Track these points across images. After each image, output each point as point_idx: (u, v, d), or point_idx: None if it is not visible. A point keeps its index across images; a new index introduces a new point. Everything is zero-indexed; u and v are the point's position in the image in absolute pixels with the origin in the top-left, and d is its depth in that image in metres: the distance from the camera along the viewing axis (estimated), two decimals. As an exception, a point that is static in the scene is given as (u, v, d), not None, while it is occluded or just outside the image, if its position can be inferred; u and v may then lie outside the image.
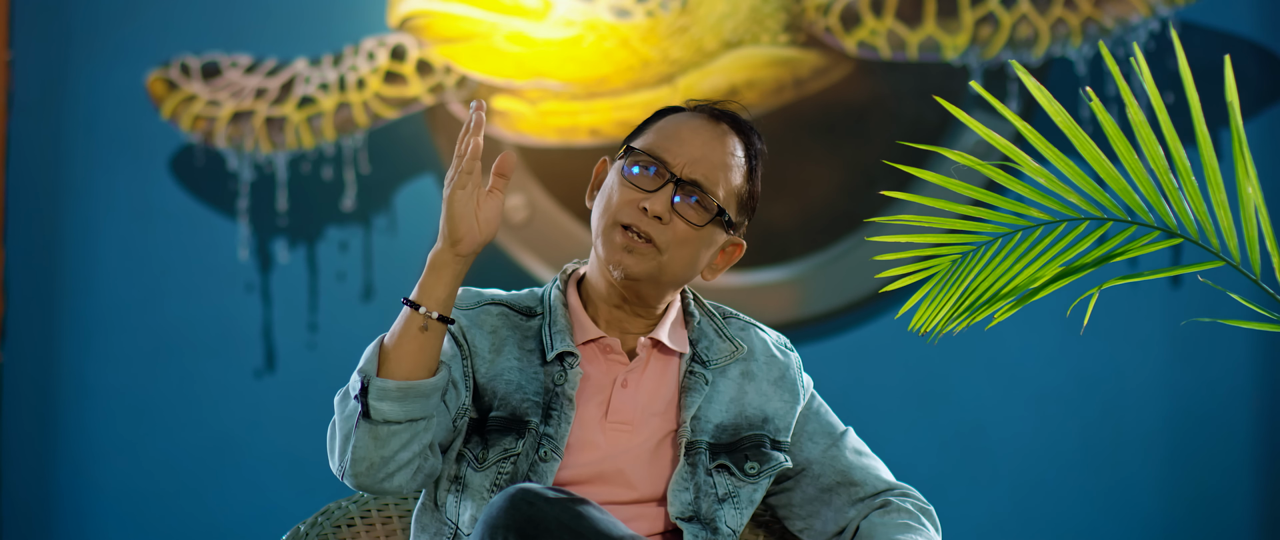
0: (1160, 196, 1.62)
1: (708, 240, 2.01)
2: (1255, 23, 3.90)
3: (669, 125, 2.02)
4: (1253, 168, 1.55)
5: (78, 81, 3.95)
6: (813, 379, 2.16)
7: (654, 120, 2.05)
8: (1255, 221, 1.57)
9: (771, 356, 2.11)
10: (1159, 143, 1.60)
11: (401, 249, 3.94)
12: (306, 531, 2.18)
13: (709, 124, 2.02)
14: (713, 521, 2.02)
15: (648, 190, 1.98)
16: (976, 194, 1.72)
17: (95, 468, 3.93)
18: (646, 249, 1.98)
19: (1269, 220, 1.58)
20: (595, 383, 2.02)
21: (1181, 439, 3.90)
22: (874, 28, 3.92)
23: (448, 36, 3.94)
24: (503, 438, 1.98)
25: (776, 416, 2.08)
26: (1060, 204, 1.67)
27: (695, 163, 1.98)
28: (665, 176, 1.98)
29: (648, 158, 1.99)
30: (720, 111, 2.04)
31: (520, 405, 1.99)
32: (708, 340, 2.08)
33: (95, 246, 3.94)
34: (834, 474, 2.11)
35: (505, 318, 2.05)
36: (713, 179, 1.99)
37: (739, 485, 2.04)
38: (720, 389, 2.05)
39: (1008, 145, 1.68)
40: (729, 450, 2.04)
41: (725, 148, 2.01)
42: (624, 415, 2.02)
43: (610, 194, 2.00)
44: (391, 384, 1.86)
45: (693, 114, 2.04)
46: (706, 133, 2.01)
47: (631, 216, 1.97)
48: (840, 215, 3.93)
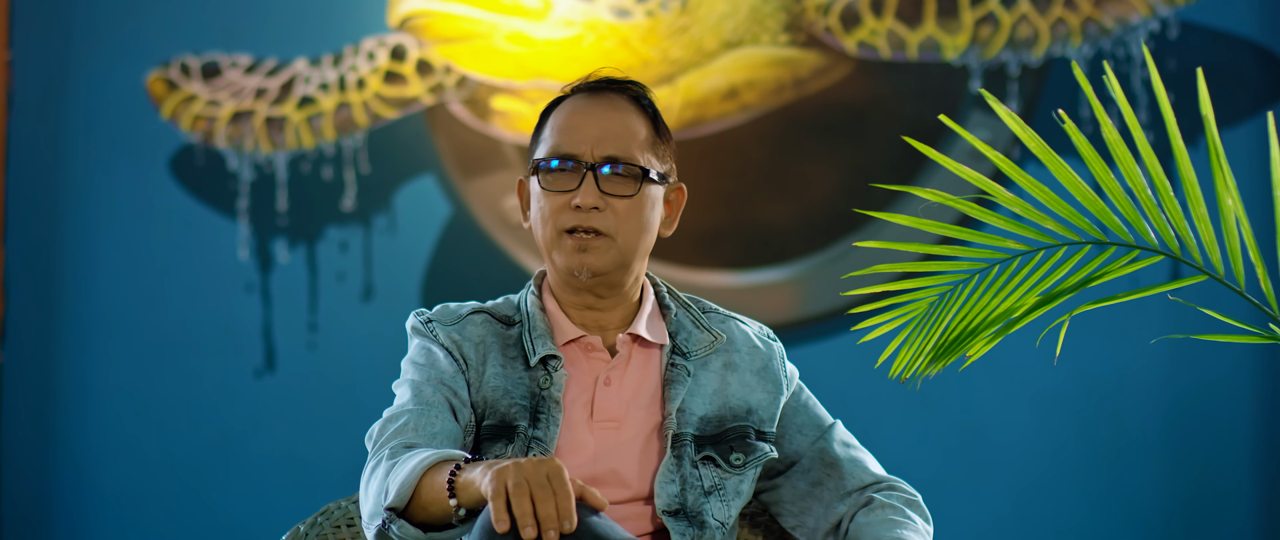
0: (1139, 215, 1.60)
1: (648, 201, 2.02)
2: (1255, 23, 3.89)
3: (559, 120, 2.03)
4: (1232, 179, 1.54)
5: (78, 81, 3.95)
6: (810, 378, 2.16)
7: (543, 122, 2.06)
8: (1237, 233, 1.56)
9: (753, 347, 2.11)
10: (1135, 160, 1.58)
11: (401, 249, 3.95)
12: (306, 531, 2.18)
13: (591, 99, 2.04)
14: (700, 515, 2.01)
15: (571, 188, 1.99)
16: (949, 231, 1.70)
17: (95, 468, 3.93)
18: (598, 242, 2.00)
19: (1251, 230, 1.56)
20: (579, 383, 2.02)
21: (1181, 439, 3.90)
22: (874, 28, 3.92)
23: (448, 36, 3.94)
24: (494, 445, 1.99)
25: (760, 407, 2.08)
26: (1036, 232, 1.65)
27: (600, 141, 2.00)
28: (580, 168, 1.99)
29: (556, 158, 2.00)
30: (595, 83, 2.06)
31: (508, 410, 1.99)
32: (686, 332, 2.08)
33: (95, 246, 3.94)
34: (821, 467, 2.11)
35: (488, 325, 2.06)
36: (623, 147, 2.00)
37: (725, 477, 2.04)
38: (702, 381, 2.06)
39: (999, 156, 1.67)
40: (714, 442, 2.04)
41: (618, 112, 2.03)
42: (610, 413, 2.02)
43: (541, 207, 2.02)
44: (413, 531, 1.82)
45: (574, 99, 2.05)
46: (595, 109, 2.02)
47: (570, 219, 1.99)
48: (840, 215, 3.93)
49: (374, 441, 1.95)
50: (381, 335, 3.89)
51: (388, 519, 1.80)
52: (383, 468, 1.86)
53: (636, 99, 2.05)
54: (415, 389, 2.00)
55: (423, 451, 1.84)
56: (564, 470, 1.66)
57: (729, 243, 3.93)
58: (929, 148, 1.60)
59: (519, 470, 1.65)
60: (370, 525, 1.84)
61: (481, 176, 3.95)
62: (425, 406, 1.96)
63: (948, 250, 1.71)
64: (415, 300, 3.91)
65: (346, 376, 3.91)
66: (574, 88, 2.07)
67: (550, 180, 2.00)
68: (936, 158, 1.61)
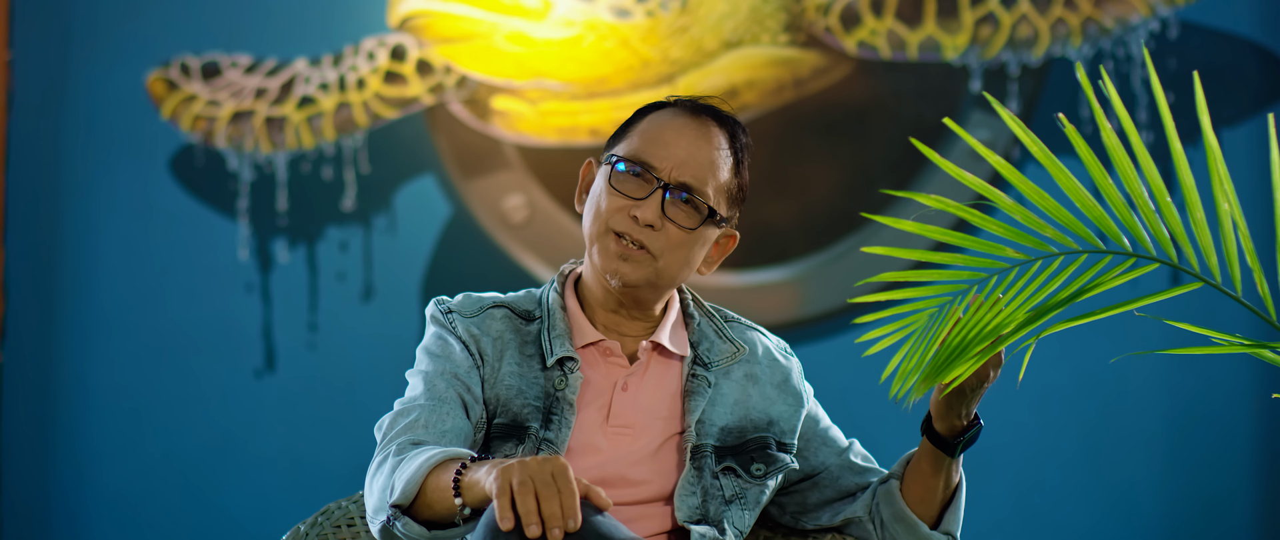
0: (1136, 221, 1.59)
1: (701, 239, 2.00)
2: (1255, 23, 3.89)
3: (652, 127, 2.00)
4: (1230, 184, 1.53)
5: (78, 81, 3.95)
6: (810, 378, 2.17)
7: (636, 121, 2.03)
8: (1234, 238, 1.55)
9: (774, 360, 2.11)
10: (1133, 165, 1.57)
11: (401, 249, 3.95)
12: (306, 531, 2.17)
13: (692, 121, 2.00)
14: (721, 522, 2.01)
15: (637, 197, 1.96)
16: (946, 237, 1.68)
17: (95, 468, 3.93)
18: (641, 256, 1.97)
19: (1249, 235, 1.56)
20: (596, 387, 2.01)
21: (1182, 440, 3.90)
22: (874, 28, 3.92)
23: (448, 36, 3.94)
24: (503, 445, 1.98)
25: (781, 420, 2.08)
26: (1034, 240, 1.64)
27: (682, 165, 1.97)
28: (653, 182, 1.97)
29: (634, 163, 1.97)
30: (702, 106, 2.02)
31: (521, 410, 1.98)
32: (709, 342, 2.07)
33: (95, 246, 3.94)
34: (851, 475, 2.13)
35: (508, 321, 2.03)
36: (701, 179, 1.97)
37: (746, 487, 2.04)
38: (724, 391, 2.05)
39: (997, 159, 1.66)
40: (735, 452, 2.04)
41: (711, 145, 1.99)
42: (625, 419, 2.01)
43: (599, 200, 1.99)
44: (417, 528, 1.82)
45: (675, 112, 2.01)
46: (691, 132, 1.99)
47: (623, 224, 1.96)
48: (840, 215, 3.93)
49: (383, 434, 1.93)
50: (381, 335, 3.89)
51: (392, 516, 1.79)
52: (389, 464, 1.85)
53: (733, 138, 2.02)
54: (428, 382, 1.98)
55: (429, 449, 1.83)
56: (569, 468, 1.65)
57: (729, 243, 3.93)
58: (930, 150, 1.59)
59: (524, 468, 1.64)
60: (375, 520, 1.84)
61: (481, 176, 3.95)
62: (437, 402, 1.94)
63: (946, 259, 1.70)
64: (415, 300, 3.91)
65: (346, 376, 3.91)
66: (679, 99, 2.04)
67: (620, 180, 1.97)
68: (937, 161, 1.60)
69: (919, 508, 2.07)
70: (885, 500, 2.08)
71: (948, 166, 1.62)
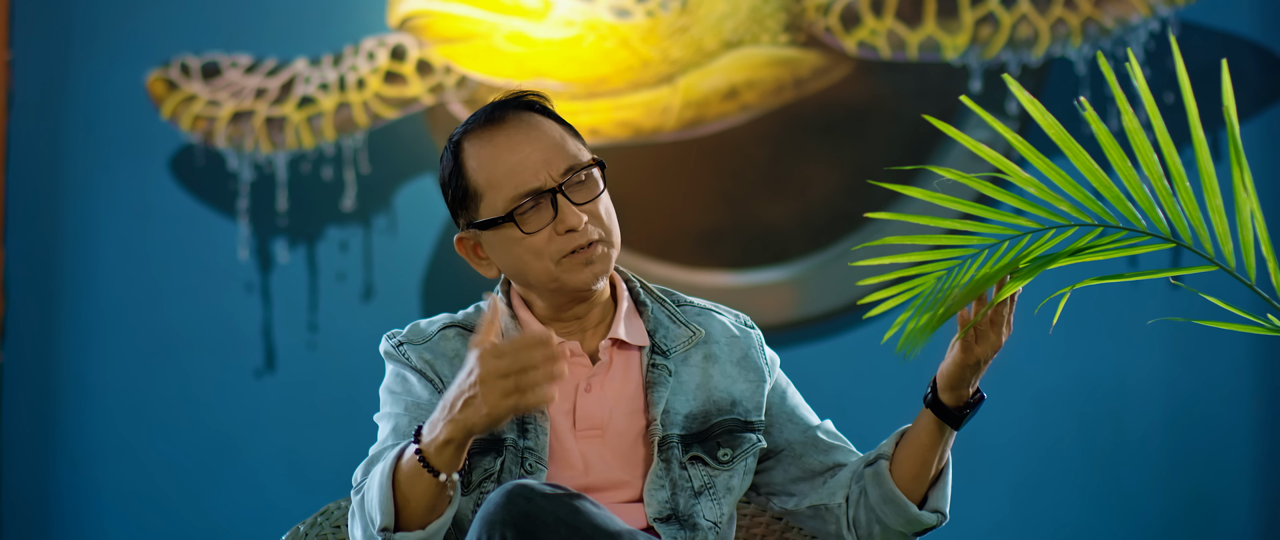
0: (1154, 203, 1.60)
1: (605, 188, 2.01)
2: (1255, 23, 3.90)
3: (493, 167, 1.97)
4: (1249, 173, 1.54)
5: (78, 81, 3.95)
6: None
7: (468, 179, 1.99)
8: (1251, 227, 1.55)
9: (732, 337, 2.10)
10: (1154, 149, 1.58)
11: (401, 249, 3.95)
12: (306, 531, 2.18)
13: (504, 132, 1.98)
14: (691, 518, 2.01)
15: (552, 218, 1.95)
16: (966, 207, 1.69)
17: (95, 468, 3.93)
18: (599, 249, 1.97)
19: (1265, 225, 1.56)
20: (561, 391, 1.99)
21: (1181, 439, 3.90)
22: (874, 28, 3.92)
23: (448, 36, 3.94)
24: (482, 460, 1.98)
25: (744, 398, 2.07)
26: (1050, 213, 1.65)
27: (547, 162, 1.96)
28: (547, 197, 1.96)
29: (517, 203, 1.96)
30: (493, 115, 1.99)
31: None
32: (664, 328, 2.06)
33: (95, 246, 3.94)
34: (816, 453, 2.11)
35: (462, 338, 2.04)
36: (568, 155, 1.98)
37: (714, 474, 2.03)
38: (684, 378, 2.04)
39: (997, 157, 1.66)
40: (701, 439, 2.03)
41: (538, 129, 1.98)
42: (592, 421, 2.01)
43: (522, 252, 1.97)
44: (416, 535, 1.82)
45: (485, 138, 1.98)
46: (516, 136, 1.97)
47: (563, 243, 1.96)
48: (840, 215, 3.93)
49: (357, 484, 1.93)
50: (381, 335, 3.89)
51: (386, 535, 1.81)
52: (355, 503, 1.88)
53: (529, 106, 2.01)
54: (395, 423, 1.99)
55: (379, 465, 1.83)
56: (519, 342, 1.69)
57: (728, 243, 3.93)
58: (949, 125, 1.59)
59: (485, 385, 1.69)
60: None
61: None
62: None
63: (962, 224, 1.71)
64: (415, 300, 3.91)
65: (346, 377, 3.91)
66: (467, 128, 2.00)
67: (529, 222, 1.96)
68: (956, 135, 1.61)
69: (911, 485, 2.06)
70: (873, 482, 2.06)
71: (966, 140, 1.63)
